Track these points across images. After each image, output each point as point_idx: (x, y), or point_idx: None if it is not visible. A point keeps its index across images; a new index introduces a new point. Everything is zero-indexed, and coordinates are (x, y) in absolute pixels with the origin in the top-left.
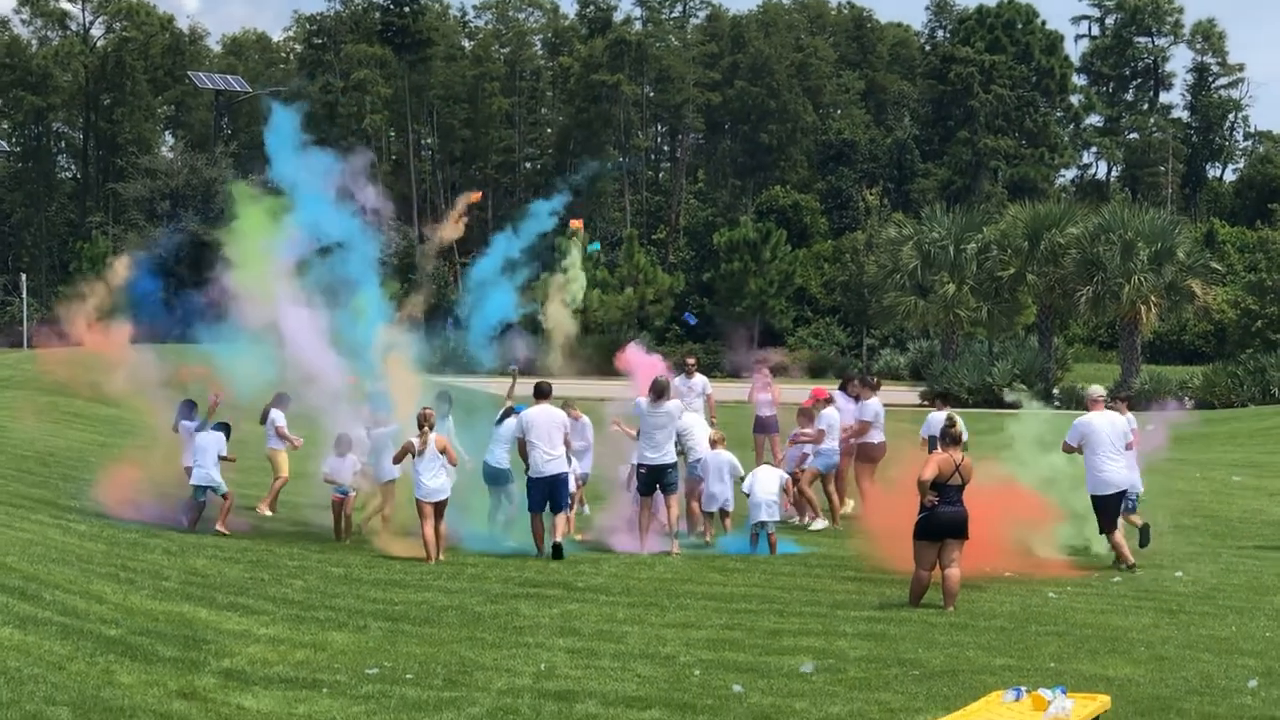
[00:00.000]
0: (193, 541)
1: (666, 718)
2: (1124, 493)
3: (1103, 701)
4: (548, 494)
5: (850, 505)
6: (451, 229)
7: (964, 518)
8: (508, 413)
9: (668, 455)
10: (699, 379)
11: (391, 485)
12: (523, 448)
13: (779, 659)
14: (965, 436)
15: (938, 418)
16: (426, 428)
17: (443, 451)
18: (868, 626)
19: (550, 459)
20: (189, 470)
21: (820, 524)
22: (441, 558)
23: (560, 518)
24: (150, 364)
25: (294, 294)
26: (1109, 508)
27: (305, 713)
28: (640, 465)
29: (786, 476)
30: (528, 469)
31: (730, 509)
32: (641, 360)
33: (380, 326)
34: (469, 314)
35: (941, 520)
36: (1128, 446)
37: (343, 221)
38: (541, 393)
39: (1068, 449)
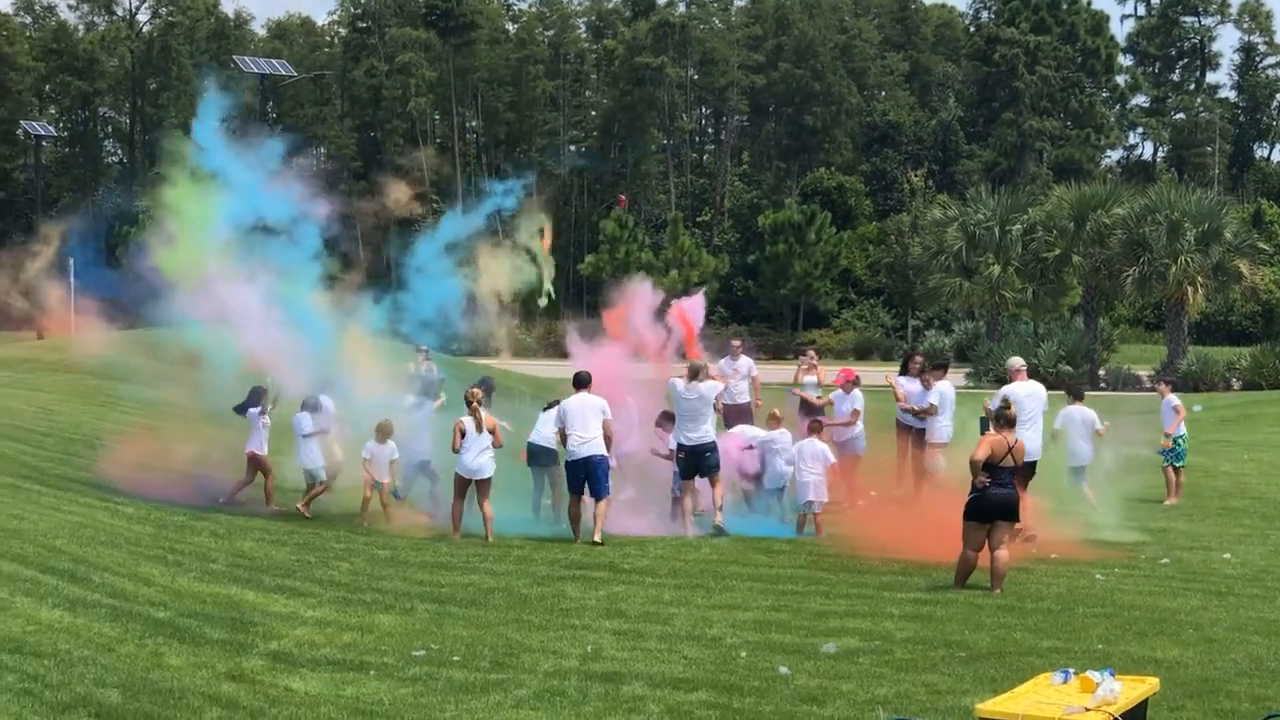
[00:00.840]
0: (240, 524)
1: (713, 699)
2: (1035, 463)
3: (1151, 684)
4: (584, 477)
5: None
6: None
7: (1015, 500)
8: (553, 403)
9: (706, 435)
10: (744, 361)
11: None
12: (564, 437)
13: (825, 640)
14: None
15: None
16: (475, 404)
17: (490, 431)
18: (914, 608)
19: (583, 441)
20: (252, 456)
21: (853, 509)
22: (489, 540)
23: (601, 504)
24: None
25: (233, 273)
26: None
27: (352, 695)
28: (679, 447)
29: (832, 457)
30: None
31: (823, 500)
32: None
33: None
34: (410, 294)
35: (992, 502)
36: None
37: (277, 205)
38: (579, 382)
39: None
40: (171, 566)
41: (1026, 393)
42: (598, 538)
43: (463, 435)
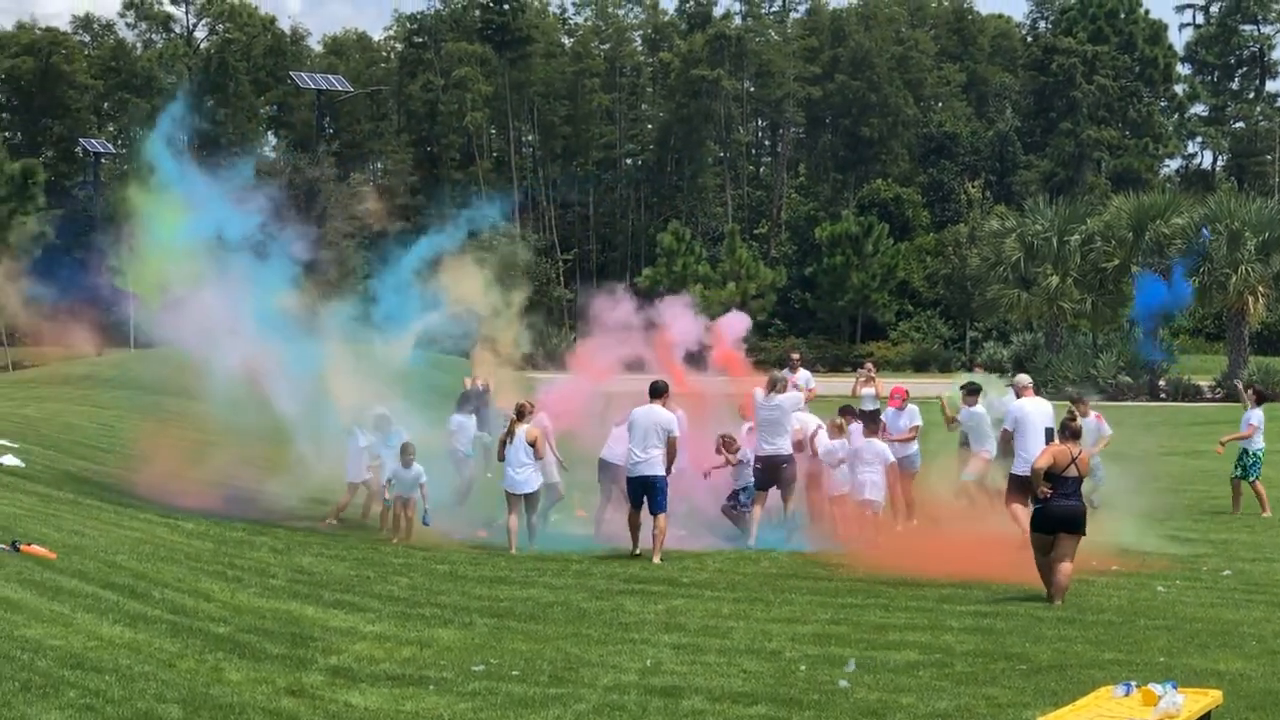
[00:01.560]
0: (299, 539)
1: (772, 713)
2: None
3: (1214, 696)
4: (641, 493)
5: None
6: None
7: (1079, 512)
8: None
9: (783, 448)
10: (802, 373)
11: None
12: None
13: (885, 653)
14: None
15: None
16: (518, 417)
17: (532, 444)
18: (974, 621)
19: (639, 460)
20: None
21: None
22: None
23: (661, 521)
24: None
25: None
26: (1026, 487)
27: (412, 710)
28: (756, 458)
29: (891, 457)
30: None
31: (880, 501)
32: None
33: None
34: (384, 316)
35: (1054, 514)
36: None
37: (236, 221)
38: (654, 392)
39: (1006, 436)
40: (231, 582)
41: (1036, 409)
42: (657, 559)
43: (502, 446)
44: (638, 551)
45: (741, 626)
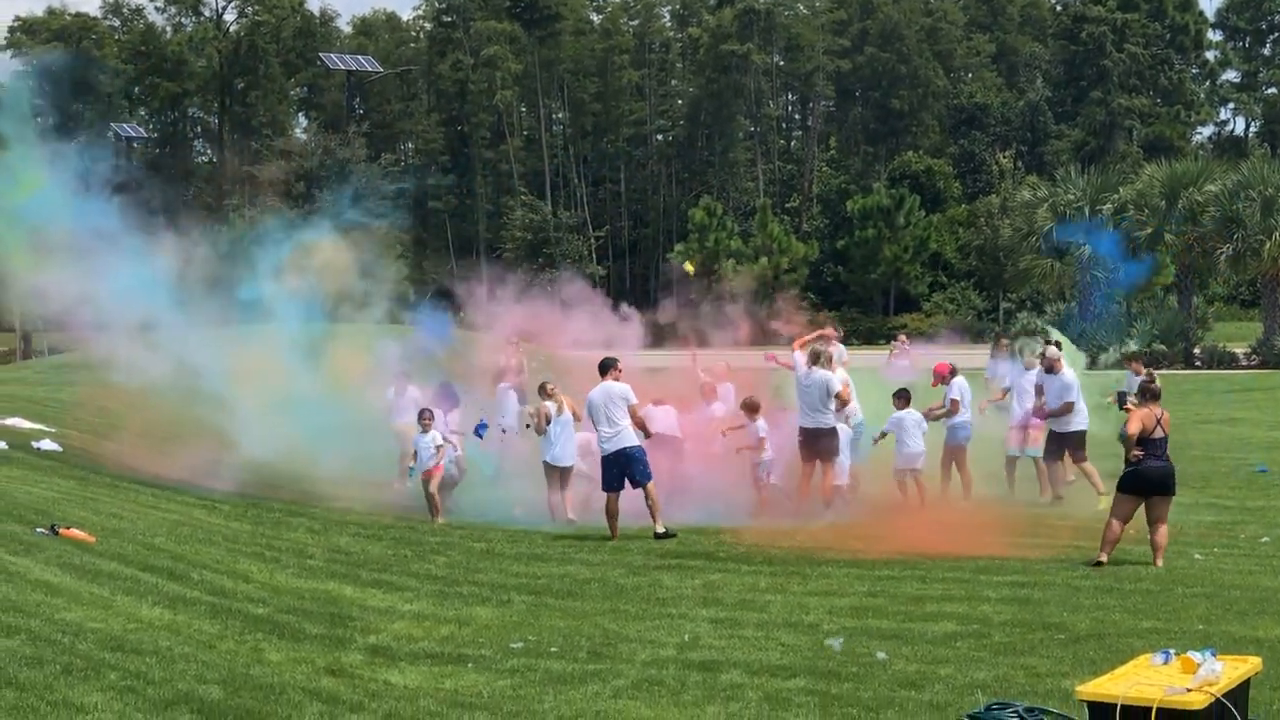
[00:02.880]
0: (336, 519)
1: (811, 686)
2: (1084, 432)
3: (1254, 663)
4: (619, 471)
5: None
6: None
7: (1171, 472)
8: None
9: (822, 421)
10: (837, 348)
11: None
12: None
13: (923, 625)
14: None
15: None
16: (551, 389)
17: (573, 413)
18: (1011, 591)
19: (608, 436)
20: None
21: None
22: (571, 516)
23: (650, 489)
24: None
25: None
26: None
27: (451, 687)
28: (799, 430)
29: (926, 426)
30: None
31: (922, 467)
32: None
33: None
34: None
35: (1149, 476)
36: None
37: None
38: (602, 368)
39: (1068, 406)
40: (269, 563)
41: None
42: (660, 528)
43: (548, 421)
44: (617, 539)
45: (779, 600)
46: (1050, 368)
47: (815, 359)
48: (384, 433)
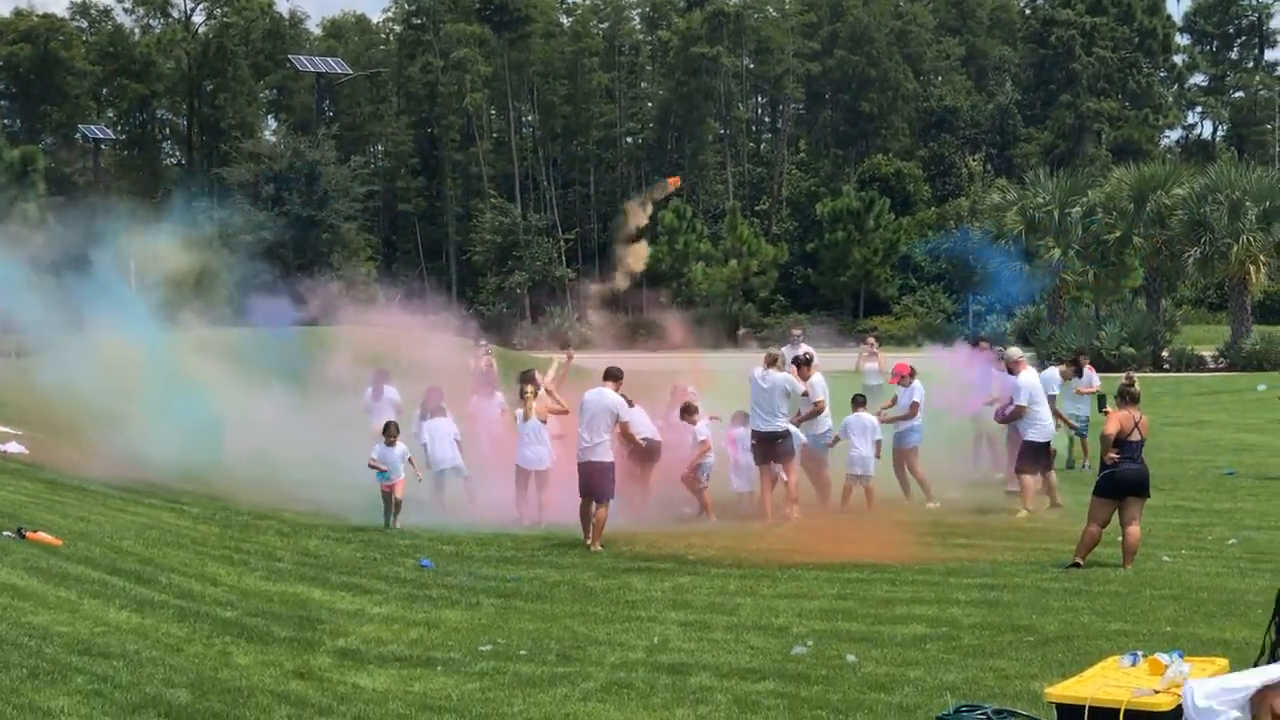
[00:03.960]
0: (305, 523)
1: (781, 688)
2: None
3: (1221, 665)
4: (584, 481)
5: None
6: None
7: (1145, 475)
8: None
9: (778, 424)
10: (804, 349)
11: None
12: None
13: (892, 628)
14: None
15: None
16: (525, 395)
17: (542, 420)
18: (981, 594)
19: (586, 445)
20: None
21: (933, 505)
22: (540, 522)
23: (601, 510)
24: None
25: None
26: (1042, 452)
27: (420, 690)
28: (752, 433)
29: (880, 433)
30: None
31: (871, 473)
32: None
33: None
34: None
35: (1124, 478)
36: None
37: None
38: (607, 374)
39: (1020, 409)
40: (238, 566)
41: (1037, 378)
42: (597, 546)
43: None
44: (590, 541)
45: (748, 603)
46: (1010, 369)
47: (772, 362)
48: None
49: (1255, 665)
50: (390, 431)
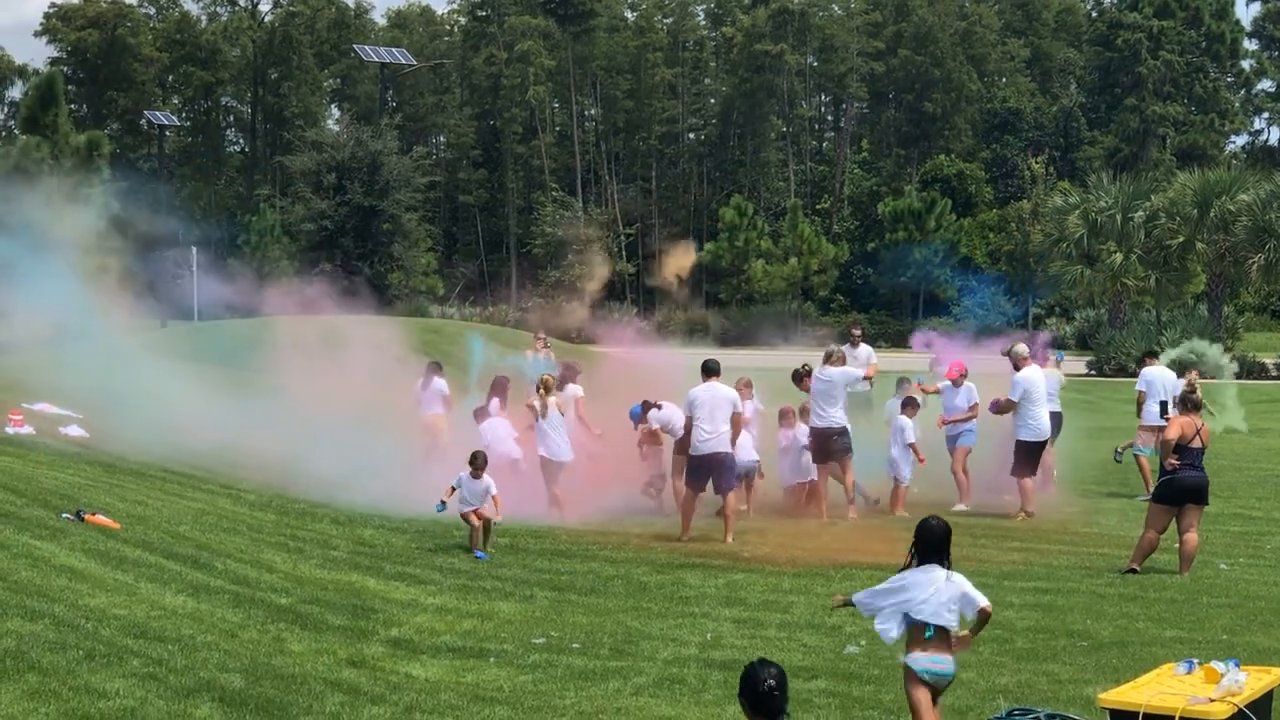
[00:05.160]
0: (360, 512)
1: (832, 687)
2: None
3: (1277, 675)
4: (706, 473)
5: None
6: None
7: (1205, 482)
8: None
9: (835, 419)
10: (864, 348)
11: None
12: (688, 426)
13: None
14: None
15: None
16: (540, 390)
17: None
18: (1035, 597)
19: (710, 436)
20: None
21: (960, 506)
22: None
23: (731, 499)
24: None
25: None
26: (1035, 453)
27: (473, 681)
28: (810, 430)
29: (915, 435)
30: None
31: (905, 477)
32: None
33: None
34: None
35: (1184, 485)
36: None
37: None
38: (709, 370)
39: (1010, 403)
40: (293, 553)
41: (1042, 377)
42: (730, 539)
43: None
44: (686, 539)
45: (802, 601)
46: (1015, 365)
47: (829, 358)
48: None
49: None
50: (478, 464)
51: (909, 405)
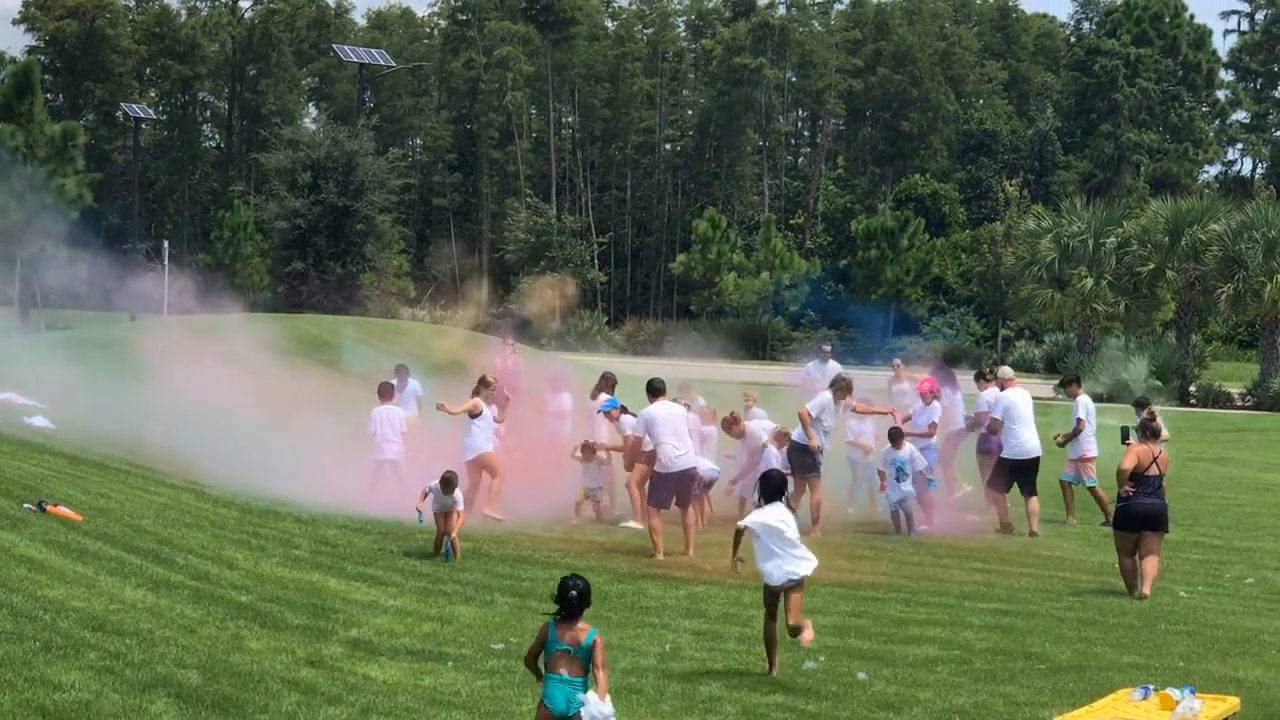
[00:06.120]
0: (323, 512)
1: (790, 703)
2: (1036, 460)
3: (1232, 703)
4: (675, 490)
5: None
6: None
7: (1161, 509)
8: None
9: (798, 436)
10: (833, 365)
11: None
12: (635, 447)
13: (904, 648)
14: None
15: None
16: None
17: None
18: (994, 619)
19: (680, 453)
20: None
21: (923, 527)
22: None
23: (691, 510)
24: None
25: None
26: (1020, 471)
27: (431, 685)
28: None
29: (922, 464)
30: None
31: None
32: None
33: None
34: None
35: (1138, 512)
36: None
37: None
38: (656, 389)
39: (996, 424)
40: (255, 551)
41: (1020, 398)
42: (691, 551)
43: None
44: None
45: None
46: (1001, 385)
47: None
48: None
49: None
50: (450, 485)
51: (896, 438)
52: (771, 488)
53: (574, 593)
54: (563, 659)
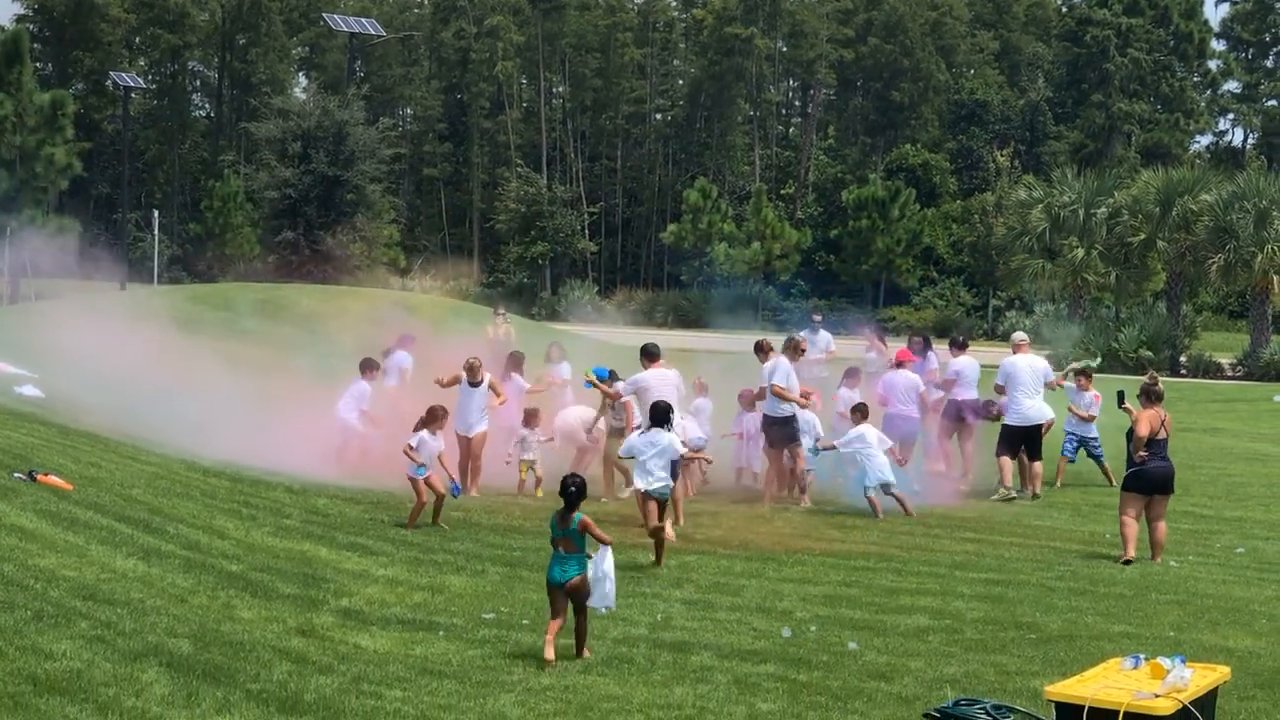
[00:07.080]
0: (314, 481)
1: (781, 672)
2: (1038, 426)
3: (1222, 673)
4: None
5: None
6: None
7: (1172, 472)
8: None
9: (783, 408)
10: (823, 334)
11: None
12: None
13: (895, 618)
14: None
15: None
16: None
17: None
18: (985, 588)
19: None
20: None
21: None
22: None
23: (680, 480)
24: None
25: None
26: (1017, 437)
27: (421, 654)
28: (763, 418)
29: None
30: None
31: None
32: None
33: None
34: None
35: (1153, 476)
36: (1047, 385)
37: None
38: (651, 354)
39: (998, 389)
40: (246, 520)
41: (1028, 364)
42: (681, 521)
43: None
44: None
45: (753, 585)
46: (1015, 349)
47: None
48: None
49: None
50: (438, 418)
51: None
52: (657, 415)
53: (573, 488)
54: (561, 541)
